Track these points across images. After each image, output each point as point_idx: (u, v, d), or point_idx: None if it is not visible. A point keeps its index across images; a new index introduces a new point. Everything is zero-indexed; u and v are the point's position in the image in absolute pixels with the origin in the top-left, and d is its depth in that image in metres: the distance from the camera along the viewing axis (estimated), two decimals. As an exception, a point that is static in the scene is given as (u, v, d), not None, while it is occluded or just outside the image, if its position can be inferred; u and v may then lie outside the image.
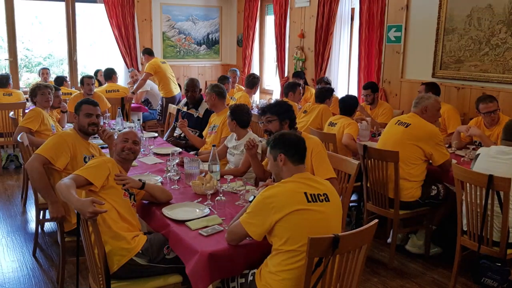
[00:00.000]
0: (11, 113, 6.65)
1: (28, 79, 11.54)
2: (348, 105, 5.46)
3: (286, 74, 9.45)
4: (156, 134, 6.07)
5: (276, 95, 9.75)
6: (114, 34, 9.87)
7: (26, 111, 6.25)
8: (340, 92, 8.24)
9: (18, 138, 4.65)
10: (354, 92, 8.03)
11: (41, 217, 4.78)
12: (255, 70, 10.60)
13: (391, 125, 4.72)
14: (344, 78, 8.50)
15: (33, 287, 4.14)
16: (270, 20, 10.32)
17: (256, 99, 8.99)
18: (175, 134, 6.12)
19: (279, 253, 2.66)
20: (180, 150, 5.08)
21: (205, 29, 11.16)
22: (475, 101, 5.15)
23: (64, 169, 3.79)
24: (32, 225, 5.41)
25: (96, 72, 9.48)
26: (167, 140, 5.98)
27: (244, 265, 2.86)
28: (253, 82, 7.80)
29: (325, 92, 6.26)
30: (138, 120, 7.32)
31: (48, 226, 5.40)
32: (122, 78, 9.92)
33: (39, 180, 3.68)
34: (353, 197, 5.36)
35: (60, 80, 8.41)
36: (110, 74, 8.59)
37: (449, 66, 6.36)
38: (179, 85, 8.99)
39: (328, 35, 8.25)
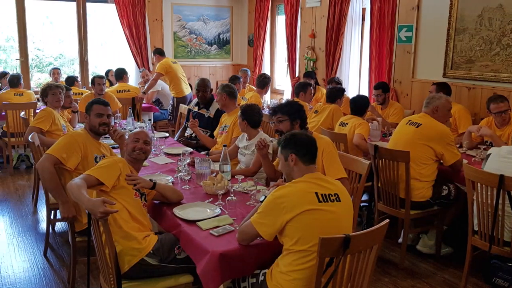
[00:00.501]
0: (22, 113, 6.69)
1: (39, 79, 11.61)
2: (359, 105, 5.46)
3: (297, 74, 9.44)
4: (167, 134, 6.09)
5: (287, 95, 9.74)
6: (125, 34, 9.88)
7: (37, 111, 6.27)
8: (351, 92, 8.23)
9: (29, 138, 4.66)
10: (365, 92, 8.01)
11: (52, 217, 4.81)
12: (266, 70, 10.60)
13: (402, 125, 4.70)
14: (355, 78, 8.50)
15: (44, 287, 4.16)
16: (281, 20, 10.31)
17: (267, 99, 8.99)
18: (186, 134, 6.13)
19: (290, 253, 2.66)
20: (191, 150, 5.08)
21: (216, 29, 11.17)
22: (486, 101, 5.13)
23: (75, 169, 3.80)
24: (43, 225, 5.44)
25: (107, 72, 9.54)
26: (178, 140, 5.99)
27: (255, 265, 2.86)
28: (264, 82, 7.79)
29: (336, 92, 6.25)
30: (149, 120, 7.32)
31: (59, 226, 5.43)
32: (133, 78, 9.94)
33: (50, 180, 3.69)
34: (364, 197, 5.34)
35: (71, 80, 8.45)
36: (121, 74, 8.63)
37: (460, 66, 6.33)
38: (190, 85, 8.99)
39: (339, 35, 8.24)
